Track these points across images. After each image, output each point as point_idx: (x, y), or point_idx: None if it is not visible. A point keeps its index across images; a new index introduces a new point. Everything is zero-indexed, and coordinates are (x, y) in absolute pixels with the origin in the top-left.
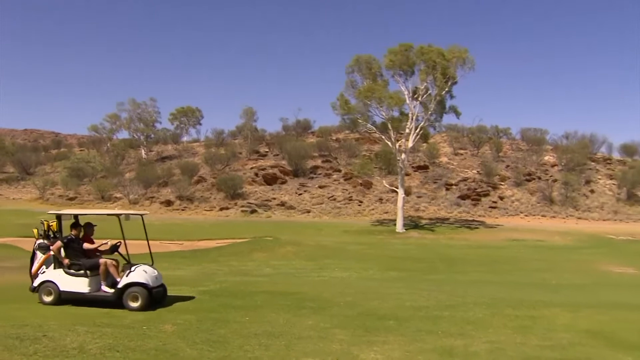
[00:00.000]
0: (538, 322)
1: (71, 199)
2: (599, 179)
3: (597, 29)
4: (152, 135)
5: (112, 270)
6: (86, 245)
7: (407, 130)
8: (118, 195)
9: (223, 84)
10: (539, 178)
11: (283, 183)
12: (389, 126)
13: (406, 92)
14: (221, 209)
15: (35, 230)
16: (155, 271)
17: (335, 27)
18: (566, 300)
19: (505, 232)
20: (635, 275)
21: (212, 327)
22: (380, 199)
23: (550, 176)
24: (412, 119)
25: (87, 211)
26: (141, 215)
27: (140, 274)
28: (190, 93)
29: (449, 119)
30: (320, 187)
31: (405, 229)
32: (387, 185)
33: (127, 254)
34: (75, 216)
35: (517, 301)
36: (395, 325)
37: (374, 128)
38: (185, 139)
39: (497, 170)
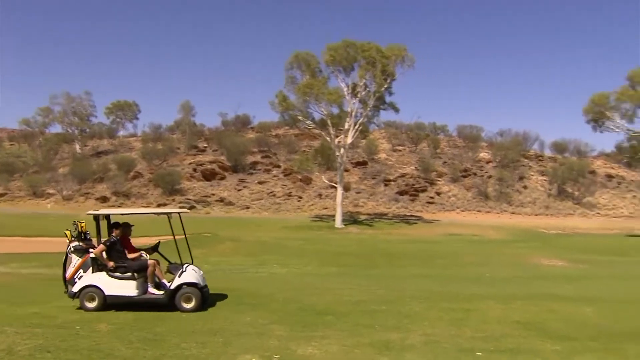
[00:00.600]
0: (472, 314)
1: (1, 195)
2: (532, 175)
3: (528, 29)
4: (87, 130)
5: (157, 271)
6: (130, 255)
7: (347, 126)
8: (51, 191)
9: (160, 78)
10: (475, 174)
11: (222, 179)
12: (328, 122)
13: (345, 89)
14: (158, 205)
15: (68, 233)
16: (200, 270)
17: (276, 22)
18: (499, 293)
19: (442, 227)
20: (564, 268)
21: (148, 325)
22: (320, 195)
23: (486, 172)
24: (351, 115)
25: (125, 210)
26: (179, 213)
27: (192, 273)
28: (127, 87)
29: (387, 115)
30: (260, 183)
31: (345, 225)
32: (326, 181)
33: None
34: (107, 216)
35: (453, 295)
36: (333, 320)
37: (313, 124)
38: (121, 133)
39: (434, 167)
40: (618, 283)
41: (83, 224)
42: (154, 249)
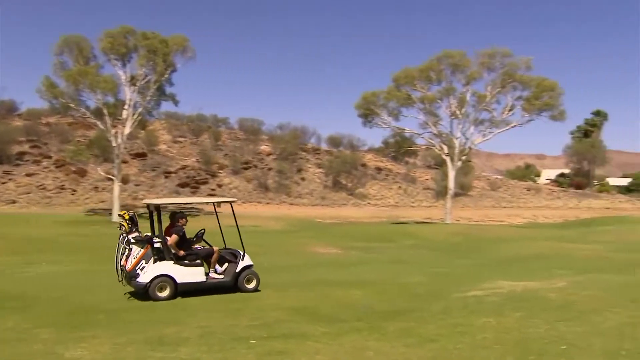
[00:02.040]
0: (249, 303)
1: None
2: (309, 167)
3: (308, 29)
4: None
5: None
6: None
7: (124, 116)
8: None
9: None
10: (256, 166)
11: None
12: (105, 112)
13: (123, 77)
14: None
15: (125, 224)
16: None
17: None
18: (277, 281)
19: (223, 219)
20: (337, 255)
21: None
22: (96, 188)
23: (266, 165)
24: (129, 105)
25: (183, 200)
26: (230, 202)
27: (249, 258)
28: None
29: (168, 106)
30: (28, 175)
31: None
32: (102, 173)
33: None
34: (157, 207)
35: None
36: (105, 318)
37: (88, 113)
38: None
39: (215, 159)
40: (384, 267)
41: (126, 215)
42: (198, 237)
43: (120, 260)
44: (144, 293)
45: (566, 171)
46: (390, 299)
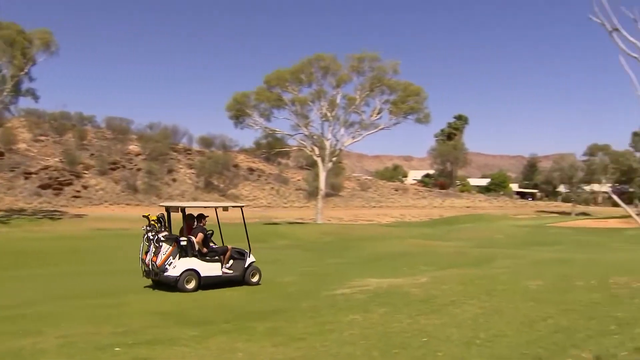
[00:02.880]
0: (116, 309)
1: None
2: (180, 168)
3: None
4: None
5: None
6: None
7: None
8: None
9: None
10: (124, 167)
11: None
12: None
13: None
14: None
15: (157, 225)
16: None
17: None
18: (144, 286)
19: (89, 222)
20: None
21: None
22: None
23: (135, 165)
24: None
25: (194, 204)
26: (240, 207)
27: (253, 256)
28: None
29: (27, 103)
30: None
31: None
32: None
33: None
34: (183, 209)
35: (99, 291)
36: None
37: None
38: None
39: (80, 159)
40: None
41: (153, 217)
42: (208, 237)
43: (147, 257)
44: (173, 285)
45: (431, 172)
46: (261, 299)
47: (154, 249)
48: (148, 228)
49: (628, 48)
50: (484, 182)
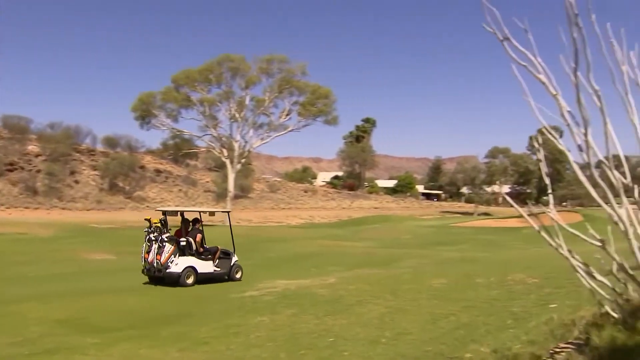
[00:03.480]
0: (10, 318)
1: None
2: (84, 169)
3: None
4: None
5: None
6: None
7: None
8: None
9: None
10: (22, 168)
11: None
12: None
13: None
14: None
15: (160, 226)
16: None
17: None
18: (43, 292)
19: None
20: (113, 261)
21: None
22: None
23: (34, 166)
24: None
25: (186, 208)
26: (227, 212)
27: (236, 255)
28: None
29: None
30: None
31: None
32: None
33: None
34: (182, 213)
35: None
36: None
37: None
38: None
39: None
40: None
41: (155, 220)
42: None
43: (149, 256)
44: (175, 280)
45: (340, 174)
46: (168, 303)
47: (157, 249)
48: (151, 230)
49: (518, 57)
50: (391, 183)
